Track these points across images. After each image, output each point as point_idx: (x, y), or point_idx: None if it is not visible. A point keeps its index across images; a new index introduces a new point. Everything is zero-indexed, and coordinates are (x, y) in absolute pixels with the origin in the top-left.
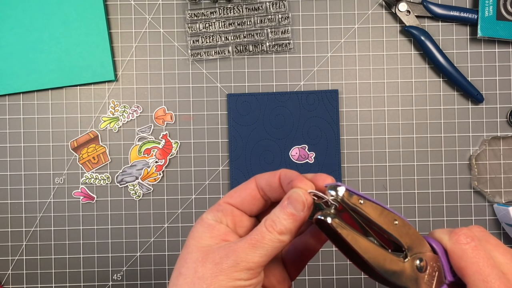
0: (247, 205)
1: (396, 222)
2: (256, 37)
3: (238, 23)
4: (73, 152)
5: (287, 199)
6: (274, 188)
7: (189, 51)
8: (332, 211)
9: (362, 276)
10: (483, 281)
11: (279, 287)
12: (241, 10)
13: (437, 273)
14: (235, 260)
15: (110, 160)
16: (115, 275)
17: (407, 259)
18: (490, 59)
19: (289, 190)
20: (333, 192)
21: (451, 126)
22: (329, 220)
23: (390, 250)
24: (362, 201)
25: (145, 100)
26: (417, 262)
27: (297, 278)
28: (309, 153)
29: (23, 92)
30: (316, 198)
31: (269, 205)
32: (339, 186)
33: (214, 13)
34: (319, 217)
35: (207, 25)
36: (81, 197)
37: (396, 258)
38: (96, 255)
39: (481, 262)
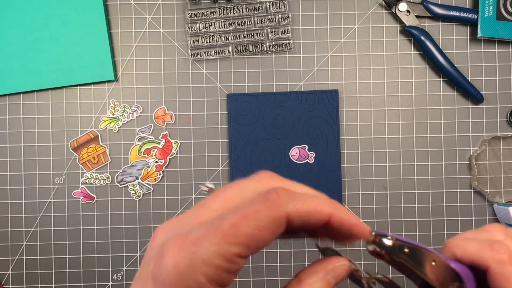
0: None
1: (434, 263)
2: (256, 37)
3: (238, 23)
4: (73, 152)
5: (331, 273)
6: (312, 226)
7: (189, 51)
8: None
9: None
10: None
11: None
12: (241, 10)
13: None
14: None
15: (110, 160)
16: (115, 275)
17: None
18: (490, 59)
19: (335, 260)
20: (387, 242)
21: (451, 126)
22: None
23: None
24: (407, 250)
25: (145, 100)
26: None
27: None
28: (309, 153)
29: (23, 92)
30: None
31: None
32: (388, 238)
33: (214, 13)
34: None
35: (207, 25)
36: (81, 197)
37: None
38: (96, 255)
39: None
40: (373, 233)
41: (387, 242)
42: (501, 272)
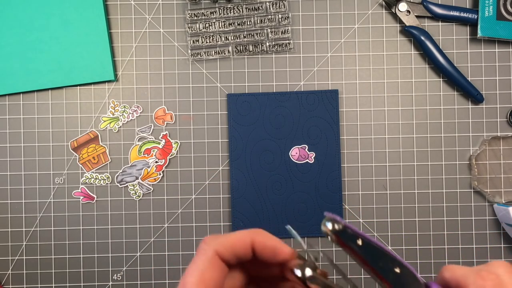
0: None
1: (398, 270)
2: (256, 37)
3: (238, 23)
4: (73, 152)
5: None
6: (244, 256)
7: (189, 51)
8: (308, 270)
9: (362, 276)
10: None
11: None
12: (241, 10)
13: None
14: None
15: (110, 160)
16: (115, 275)
17: None
18: (490, 59)
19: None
20: (329, 225)
21: (451, 126)
22: (306, 273)
23: None
24: (360, 242)
25: (145, 100)
26: None
27: None
28: (309, 153)
29: (23, 92)
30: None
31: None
32: (336, 221)
33: (214, 13)
34: (295, 271)
35: (207, 25)
36: (81, 197)
37: None
38: (96, 255)
39: None
40: (325, 216)
41: (333, 226)
42: None
